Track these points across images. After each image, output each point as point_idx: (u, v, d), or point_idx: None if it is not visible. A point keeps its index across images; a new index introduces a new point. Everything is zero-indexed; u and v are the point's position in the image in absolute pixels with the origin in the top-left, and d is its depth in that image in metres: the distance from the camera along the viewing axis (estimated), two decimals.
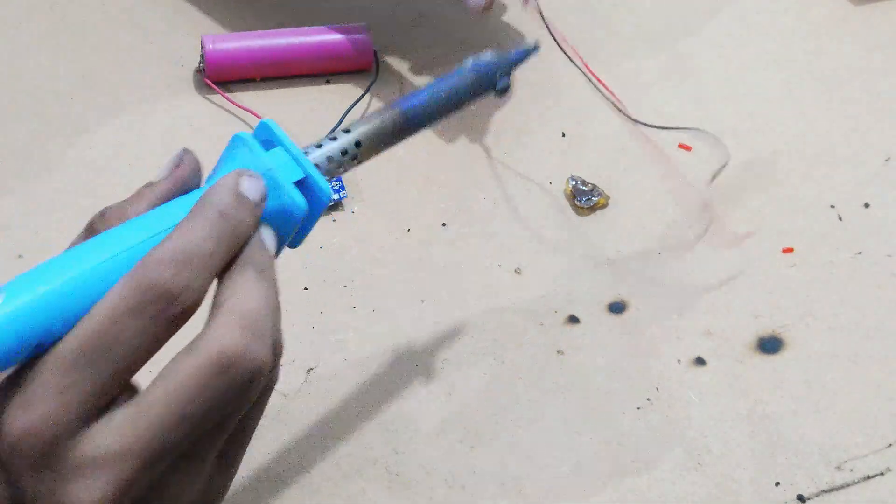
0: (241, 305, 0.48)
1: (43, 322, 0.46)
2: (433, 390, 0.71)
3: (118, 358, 0.47)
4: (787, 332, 0.74)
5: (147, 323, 0.47)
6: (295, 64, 0.84)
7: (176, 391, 0.47)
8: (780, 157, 0.83)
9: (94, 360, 0.47)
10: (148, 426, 0.47)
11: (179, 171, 0.53)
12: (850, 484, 0.68)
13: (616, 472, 0.68)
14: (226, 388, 0.48)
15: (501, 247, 0.78)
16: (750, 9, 0.91)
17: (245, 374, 0.48)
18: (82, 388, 0.47)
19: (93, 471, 0.47)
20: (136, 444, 0.47)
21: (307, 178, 0.52)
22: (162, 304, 0.47)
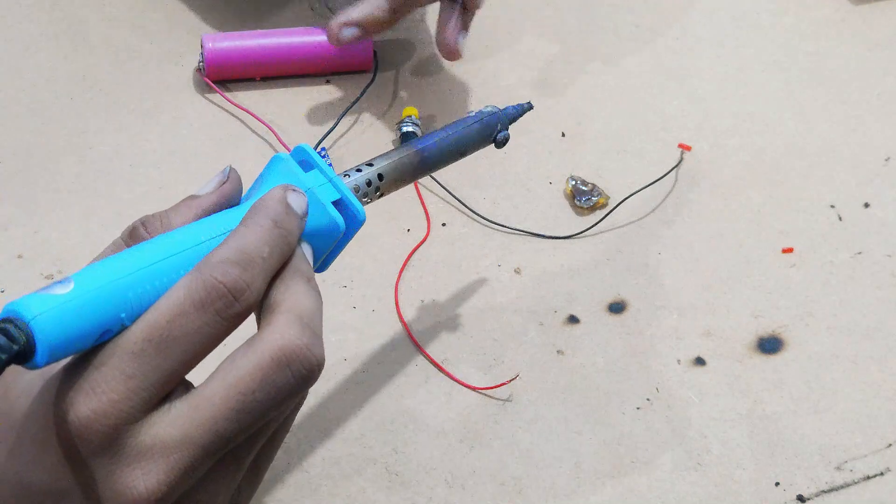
0: (298, 306, 0.51)
1: (110, 310, 0.48)
2: (433, 390, 0.71)
3: (182, 349, 0.49)
4: (787, 332, 0.74)
5: (211, 318, 0.49)
6: (294, 64, 0.84)
7: (236, 384, 0.49)
8: (780, 157, 0.83)
9: (160, 349, 0.48)
10: (208, 417, 0.49)
11: (227, 187, 0.55)
12: (850, 484, 0.68)
13: (616, 472, 0.68)
14: (285, 382, 0.50)
15: (501, 247, 0.78)
16: (750, 9, 0.91)
17: (304, 370, 0.50)
18: (147, 376, 0.48)
19: (151, 458, 0.49)
20: (195, 434, 0.49)
21: (342, 199, 0.55)
22: (225, 301, 0.49)
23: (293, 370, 0.50)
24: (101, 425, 0.48)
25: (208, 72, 0.83)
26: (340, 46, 0.80)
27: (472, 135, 0.65)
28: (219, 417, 0.49)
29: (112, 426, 0.48)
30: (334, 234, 0.55)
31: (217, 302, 0.49)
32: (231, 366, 0.50)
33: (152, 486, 0.49)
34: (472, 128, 0.65)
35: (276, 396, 0.50)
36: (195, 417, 0.49)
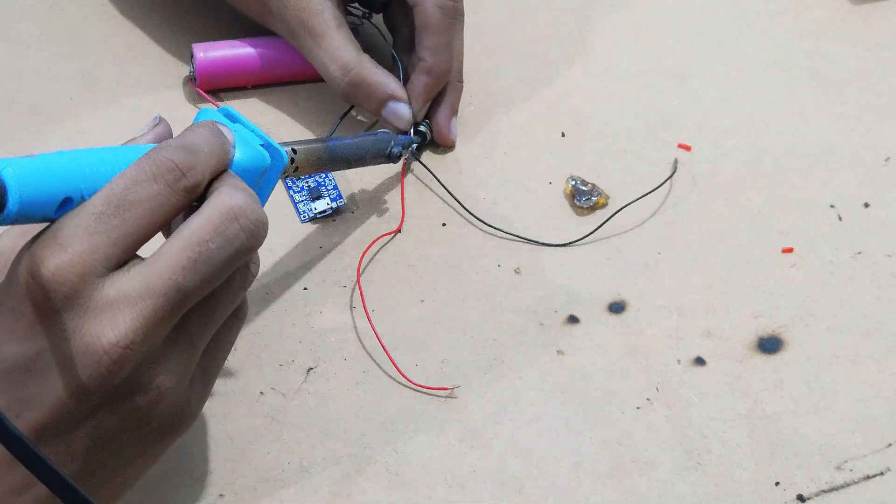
0: (238, 184, 0.58)
1: (71, 178, 0.54)
2: (432, 390, 0.71)
3: (139, 214, 0.54)
4: (787, 332, 0.74)
5: (162, 188, 0.55)
6: (286, 70, 0.84)
7: (191, 236, 0.55)
8: (780, 157, 0.83)
9: (119, 212, 0.54)
10: (167, 267, 0.54)
11: (160, 129, 0.61)
12: (850, 484, 0.68)
13: (616, 472, 0.68)
14: (235, 234, 0.56)
15: (501, 247, 0.78)
16: (750, 9, 0.91)
17: (251, 225, 0.56)
18: (108, 234, 0.53)
19: (117, 308, 0.53)
20: (157, 284, 0.53)
21: (265, 143, 0.63)
22: (175, 175, 0.55)
23: (241, 224, 0.56)
24: (69, 274, 0.52)
25: (200, 82, 0.83)
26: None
27: (368, 145, 0.75)
28: (177, 267, 0.54)
29: (79, 276, 0.52)
30: (261, 167, 0.62)
31: (167, 174, 0.55)
32: (185, 225, 0.56)
33: (120, 334, 0.53)
34: (368, 139, 0.75)
35: (228, 248, 0.56)
36: (155, 269, 0.54)
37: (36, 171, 0.53)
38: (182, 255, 0.55)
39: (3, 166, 0.52)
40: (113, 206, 0.54)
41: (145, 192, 0.54)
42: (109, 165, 0.56)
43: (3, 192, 0.52)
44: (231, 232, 0.56)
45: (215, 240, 0.55)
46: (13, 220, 0.52)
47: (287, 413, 0.70)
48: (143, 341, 0.54)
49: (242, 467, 0.68)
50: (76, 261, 0.53)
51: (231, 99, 0.84)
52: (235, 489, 0.67)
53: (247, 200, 0.57)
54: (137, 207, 0.54)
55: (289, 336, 0.73)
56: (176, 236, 0.55)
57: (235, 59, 0.83)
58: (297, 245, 0.77)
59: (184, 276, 0.54)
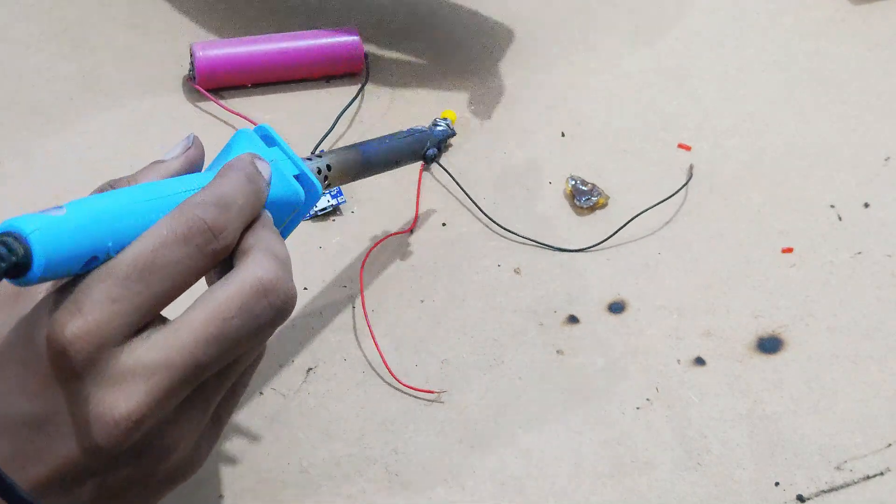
0: (272, 248, 0.55)
1: (99, 236, 0.51)
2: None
3: (164, 279, 0.52)
4: (787, 332, 0.74)
5: (192, 251, 0.52)
6: (284, 70, 0.84)
7: (216, 311, 0.52)
8: (780, 157, 0.83)
9: (144, 277, 0.51)
10: (188, 342, 0.52)
11: (192, 152, 0.59)
12: (850, 484, 0.68)
13: (616, 472, 0.68)
14: (262, 311, 0.53)
15: (501, 247, 0.78)
16: (750, 9, 0.91)
17: (280, 301, 0.54)
18: (131, 300, 0.51)
19: (132, 380, 0.51)
20: (175, 358, 0.51)
21: (301, 174, 0.60)
22: (206, 237, 0.53)
23: (270, 300, 0.53)
24: (86, 344, 0.50)
25: (199, 80, 0.83)
26: None
27: (405, 147, 0.72)
28: (199, 342, 0.52)
29: (96, 346, 0.50)
30: (294, 204, 0.60)
31: (198, 237, 0.52)
32: (210, 295, 0.53)
33: (133, 407, 0.51)
34: (405, 140, 0.72)
35: (253, 325, 0.53)
36: (175, 342, 0.52)
37: (63, 233, 0.50)
38: (204, 329, 0.52)
39: (31, 229, 0.49)
40: (138, 270, 0.51)
41: (173, 256, 0.52)
42: (139, 218, 0.53)
43: (29, 257, 0.49)
44: (258, 309, 0.53)
45: (241, 316, 0.53)
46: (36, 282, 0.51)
47: (287, 413, 0.70)
48: (154, 414, 0.52)
49: (242, 468, 0.68)
50: (95, 330, 0.50)
51: (231, 97, 0.84)
52: (235, 490, 0.67)
53: (278, 274, 0.54)
54: (164, 271, 0.52)
55: (289, 336, 0.73)
56: (200, 306, 0.53)
57: (235, 57, 0.83)
58: (298, 245, 0.77)
59: (204, 352, 0.52)
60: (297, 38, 0.84)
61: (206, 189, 0.55)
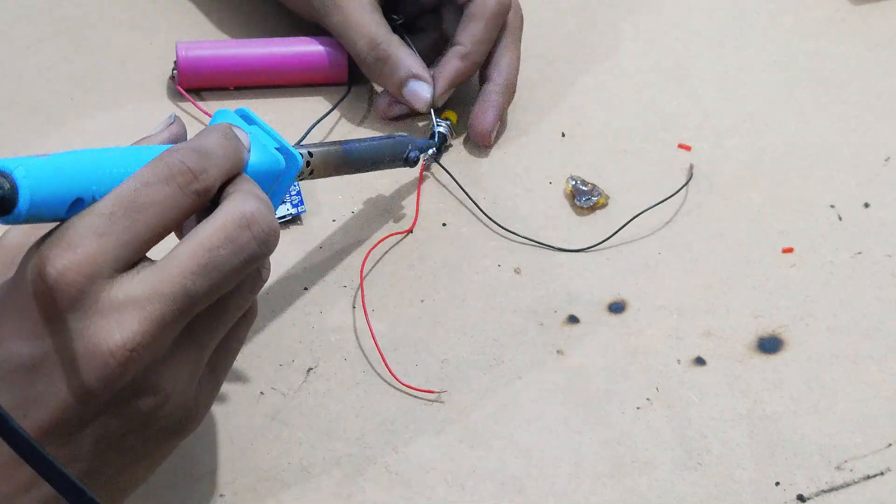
0: (252, 190, 0.57)
1: (83, 178, 0.54)
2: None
3: (149, 216, 0.54)
4: (787, 332, 0.74)
5: (174, 190, 0.54)
6: (268, 74, 0.83)
7: (202, 242, 0.55)
8: (780, 157, 0.83)
9: (129, 213, 0.53)
10: (177, 272, 0.54)
11: (174, 128, 0.62)
12: (850, 484, 0.68)
13: (616, 472, 0.68)
14: (246, 242, 0.55)
15: (501, 247, 0.78)
16: (750, 9, 0.91)
17: (263, 233, 0.56)
18: (118, 235, 0.53)
19: (124, 310, 0.53)
20: (165, 288, 0.53)
21: (281, 147, 0.63)
22: (187, 177, 0.55)
23: (254, 231, 0.55)
24: (77, 275, 0.52)
25: (180, 80, 0.83)
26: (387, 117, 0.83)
27: (384, 148, 0.74)
28: (187, 272, 0.54)
29: (87, 277, 0.52)
30: (276, 172, 0.62)
31: (179, 177, 0.55)
32: (196, 229, 0.55)
33: (127, 336, 0.52)
34: (385, 142, 0.75)
35: (239, 256, 0.55)
36: (164, 273, 0.54)
37: (48, 172, 0.52)
38: (192, 260, 0.54)
39: (15, 166, 0.51)
40: (123, 207, 0.53)
41: (156, 195, 0.54)
42: (122, 167, 0.55)
43: (15, 192, 0.51)
44: (243, 239, 0.55)
45: (226, 246, 0.55)
46: (24, 219, 0.52)
47: (287, 413, 0.70)
48: (149, 344, 0.53)
49: (242, 467, 0.68)
50: (84, 262, 0.52)
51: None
52: (235, 489, 0.67)
53: (260, 208, 0.56)
54: (148, 210, 0.54)
55: (289, 336, 0.73)
56: (187, 241, 0.55)
57: (218, 59, 0.83)
58: (298, 245, 0.77)
59: (193, 282, 0.54)
60: (282, 44, 0.84)
61: (188, 142, 0.58)
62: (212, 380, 0.59)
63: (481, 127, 0.81)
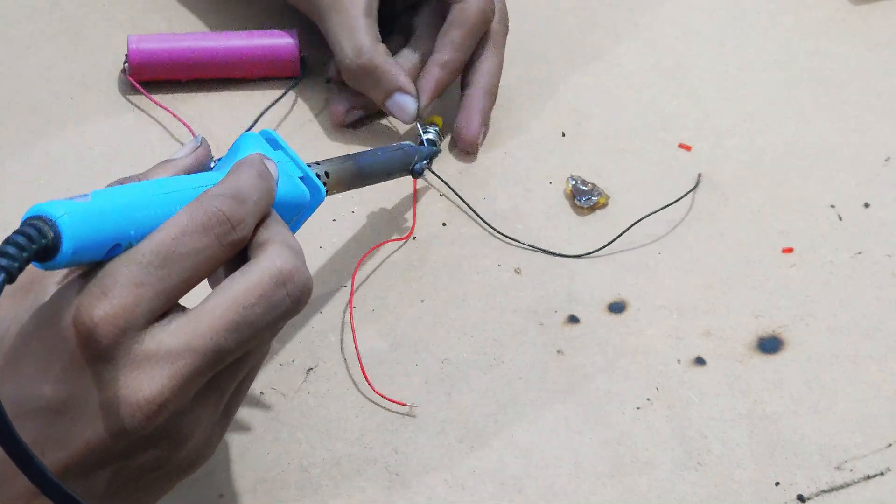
0: (287, 240, 0.56)
1: (122, 224, 0.53)
2: (433, 390, 0.71)
3: (184, 267, 0.53)
4: (787, 332, 0.74)
5: (211, 241, 0.54)
6: (219, 67, 0.83)
7: (237, 298, 0.54)
8: (780, 157, 0.83)
9: (166, 264, 0.53)
10: (209, 328, 0.53)
11: (200, 152, 0.61)
12: (850, 484, 0.68)
13: (616, 472, 0.68)
14: (280, 300, 0.55)
15: (501, 247, 0.78)
16: (750, 9, 0.91)
17: (297, 291, 0.55)
18: (154, 286, 0.53)
19: (156, 363, 0.52)
20: (197, 343, 0.53)
21: (306, 176, 0.63)
22: (224, 228, 0.54)
23: (288, 289, 0.55)
24: (111, 327, 0.52)
25: (132, 72, 0.83)
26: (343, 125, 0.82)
27: (395, 160, 0.74)
28: (220, 329, 0.53)
29: (122, 329, 0.52)
30: (300, 205, 0.62)
31: (217, 227, 0.54)
32: (231, 284, 0.54)
33: (156, 390, 0.52)
34: (396, 154, 0.74)
35: (271, 314, 0.55)
36: (198, 328, 0.53)
37: (90, 218, 0.52)
38: (225, 316, 0.54)
39: (60, 213, 0.51)
40: (161, 257, 0.53)
41: (194, 245, 0.54)
42: (159, 209, 0.55)
43: (58, 241, 0.51)
44: (277, 297, 0.55)
45: (261, 304, 0.54)
46: (63, 266, 0.52)
47: (287, 413, 0.70)
48: (177, 398, 0.53)
49: (242, 467, 0.68)
50: (120, 314, 0.52)
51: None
52: (235, 489, 0.67)
53: (296, 264, 0.56)
54: (184, 260, 0.53)
55: (289, 336, 0.73)
56: (220, 294, 0.54)
57: (169, 51, 0.83)
58: None
59: (225, 339, 0.54)
60: (234, 37, 0.84)
61: (222, 183, 0.56)
62: (224, 420, 0.59)
63: (467, 134, 0.81)
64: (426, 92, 0.80)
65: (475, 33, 0.80)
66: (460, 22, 0.80)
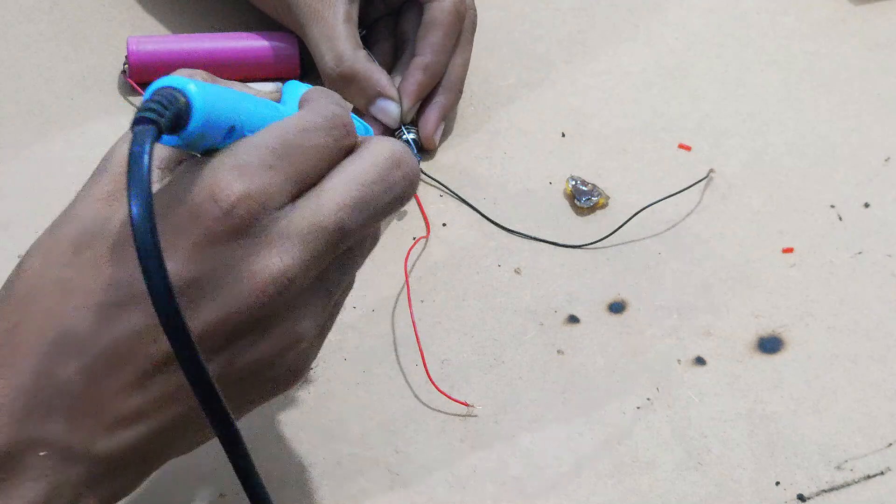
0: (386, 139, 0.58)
1: (235, 109, 0.53)
2: (433, 389, 0.71)
3: (309, 159, 0.54)
4: (787, 332, 0.74)
5: (331, 141, 0.55)
6: (219, 68, 0.83)
7: (357, 177, 0.55)
8: (780, 157, 0.83)
9: (294, 152, 0.54)
10: (334, 205, 0.54)
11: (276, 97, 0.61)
12: (850, 484, 0.68)
13: (616, 472, 0.69)
14: (396, 181, 0.56)
15: (501, 247, 0.78)
16: (750, 9, 0.91)
17: (411, 173, 0.57)
18: (284, 171, 0.53)
19: (287, 240, 0.53)
20: (324, 220, 0.54)
21: None
22: (342, 131, 0.56)
23: (403, 171, 0.56)
24: (251, 205, 0.52)
25: (132, 74, 0.83)
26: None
27: None
28: (344, 206, 0.54)
29: (260, 205, 0.52)
30: None
31: (336, 130, 0.55)
32: (349, 164, 0.56)
33: (287, 264, 0.53)
34: None
35: (389, 193, 0.56)
36: (322, 206, 0.54)
37: (211, 94, 0.52)
38: (347, 194, 0.55)
39: (185, 83, 0.50)
40: (288, 147, 0.54)
41: (316, 141, 0.55)
42: (260, 107, 0.56)
43: (189, 109, 0.50)
44: (393, 178, 0.56)
45: (379, 183, 0.56)
46: (192, 139, 0.51)
47: (288, 413, 0.70)
48: (303, 276, 0.54)
49: None
50: (259, 191, 0.52)
51: None
52: (236, 489, 0.67)
53: (407, 149, 0.57)
54: (308, 153, 0.54)
55: None
56: (339, 175, 0.55)
57: (169, 53, 0.83)
58: None
59: (348, 216, 0.55)
60: (234, 38, 0.84)
61: (326, 94, 0.58)
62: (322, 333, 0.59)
63: (423, 130, 0.81)
64: (408, 96, 0.80)
65: (451, 33, 0.81)
66: (437, 22, 0.80)
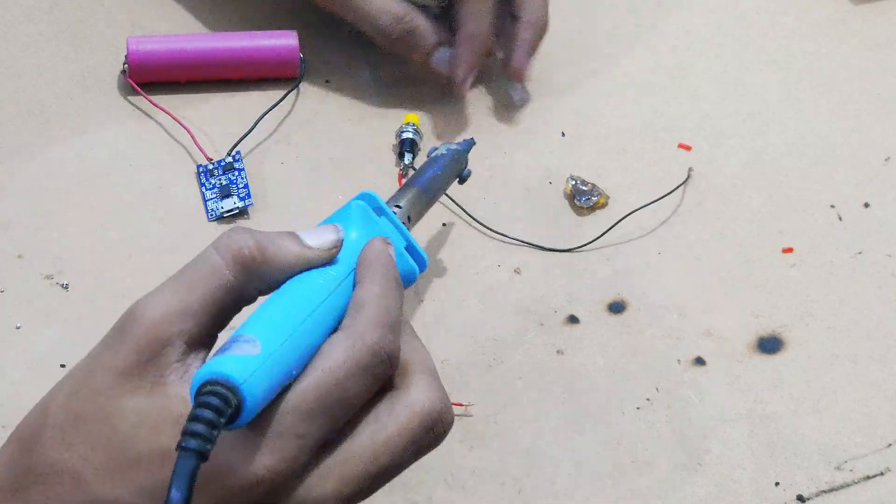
0: (428, 363, 0.55)
1: (289, 367, 0.51)
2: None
3: (344, 410, 0.52)
4: (787, 332, 0.74)
5: (370, 381, 0.52)
6: (219, 68, 0.83)
7: (387, 445, 0.53)
8: (780, 157, 0.83)
9: (328, 410, 0.51)
10: (358, 474, 0.52)
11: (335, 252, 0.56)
12: (850, 484, 0.68)
13: (616, 472, 0.68)
14: (425, 443, 0.54)
15: (501, 247, 0.78)
16: (750, 9, 0.91)
17: (442, 432, 0.54)
18: (313, 435, 0.51)
19: None
20: (345, 490, 0.52)
21: (409, 246, 0.60)
22: (384, 367, 0.53)
23: (435, 432, 0.54)
24: (276, 484, 0.50)
25: (131, 73, 0.83)
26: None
27: (449, 171, 0.72)
28: (367, 476, 0.52)
29: (283, 480, 0.51)
30: (409, 283, 0.59)
31: (377, 367, 0.52)
32: (380, 427, 0.53)
33: None
34: (451, 165, 0.72)
35: (416, 455, 0.54)
36: (346, 474, 0.52)
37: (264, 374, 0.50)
38: (375, 465, 0.52)
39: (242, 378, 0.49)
40: (325, 405, 0.51)
41: (356, 388, 0.52)
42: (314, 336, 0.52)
43: (241, 406, 0.49)
44: (423, 441, 0.54)
45: (409, 449, 0.53)
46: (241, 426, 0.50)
47: None
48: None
49: None
50: (282, 469, 0.50)
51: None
52: None
53: (444, 402, 0.54)
54: (344, 404, 0.52)
55: None
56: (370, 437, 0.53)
57: (168, 53, 0.83)
58: None
59: (371, 484, 0.53)
60: (233, 38, 0.84)
61: (374, 306, 0.54)
62: None
63: (514, 67, 0.82)
64: (462, 65, 0.81)
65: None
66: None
